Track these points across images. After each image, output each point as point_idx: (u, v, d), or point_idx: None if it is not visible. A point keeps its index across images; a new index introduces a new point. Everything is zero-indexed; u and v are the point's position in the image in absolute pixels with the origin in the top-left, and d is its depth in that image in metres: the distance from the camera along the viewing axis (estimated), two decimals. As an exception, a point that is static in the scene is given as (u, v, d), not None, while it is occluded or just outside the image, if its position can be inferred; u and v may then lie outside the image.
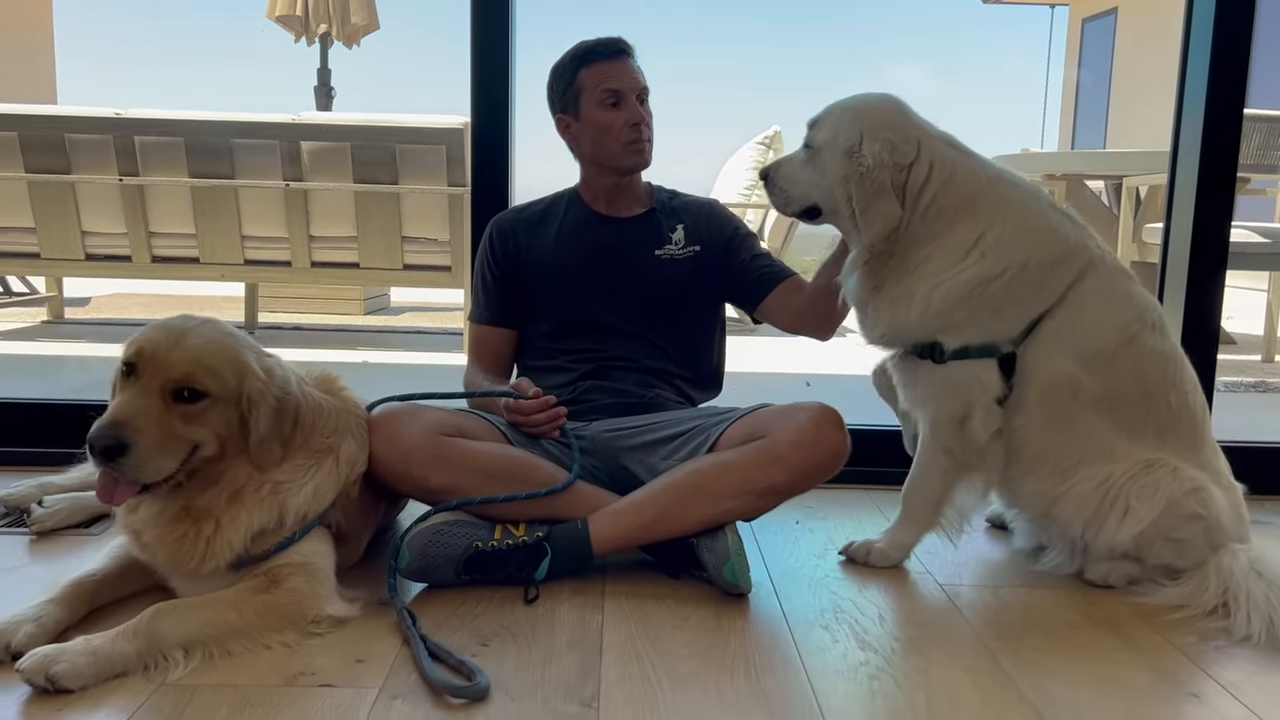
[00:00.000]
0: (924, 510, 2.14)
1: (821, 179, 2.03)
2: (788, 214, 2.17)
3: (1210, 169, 2.73)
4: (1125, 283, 2.05)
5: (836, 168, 1.99)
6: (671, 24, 17.56)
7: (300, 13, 6.98)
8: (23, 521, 2.25)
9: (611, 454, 2.20)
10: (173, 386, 1.69)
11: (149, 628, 1.61)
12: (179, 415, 1.69)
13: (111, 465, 1.63)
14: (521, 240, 2.44)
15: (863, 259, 2.03)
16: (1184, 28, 2.78)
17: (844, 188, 1.98)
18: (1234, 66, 2.71)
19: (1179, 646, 1.81)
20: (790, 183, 2.09)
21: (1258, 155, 4.65)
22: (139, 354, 1.70)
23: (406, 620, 1.76)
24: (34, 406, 2.94)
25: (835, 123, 2.01)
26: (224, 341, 1.77)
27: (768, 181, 2.13)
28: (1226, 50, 2.69)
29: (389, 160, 4.79)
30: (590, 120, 2.34)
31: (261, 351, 1.84)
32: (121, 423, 1.64)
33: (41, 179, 4.83)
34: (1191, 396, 2.06)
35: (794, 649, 1.77)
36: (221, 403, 1.73)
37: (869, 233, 1.97)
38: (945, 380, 2.03)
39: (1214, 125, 2.72)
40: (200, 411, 1.71)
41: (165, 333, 1.73)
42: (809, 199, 2.08)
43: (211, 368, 1.72)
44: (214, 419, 1.73)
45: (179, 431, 1.69)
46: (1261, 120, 4.67)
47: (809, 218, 2.11)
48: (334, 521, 1.91)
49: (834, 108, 2.04)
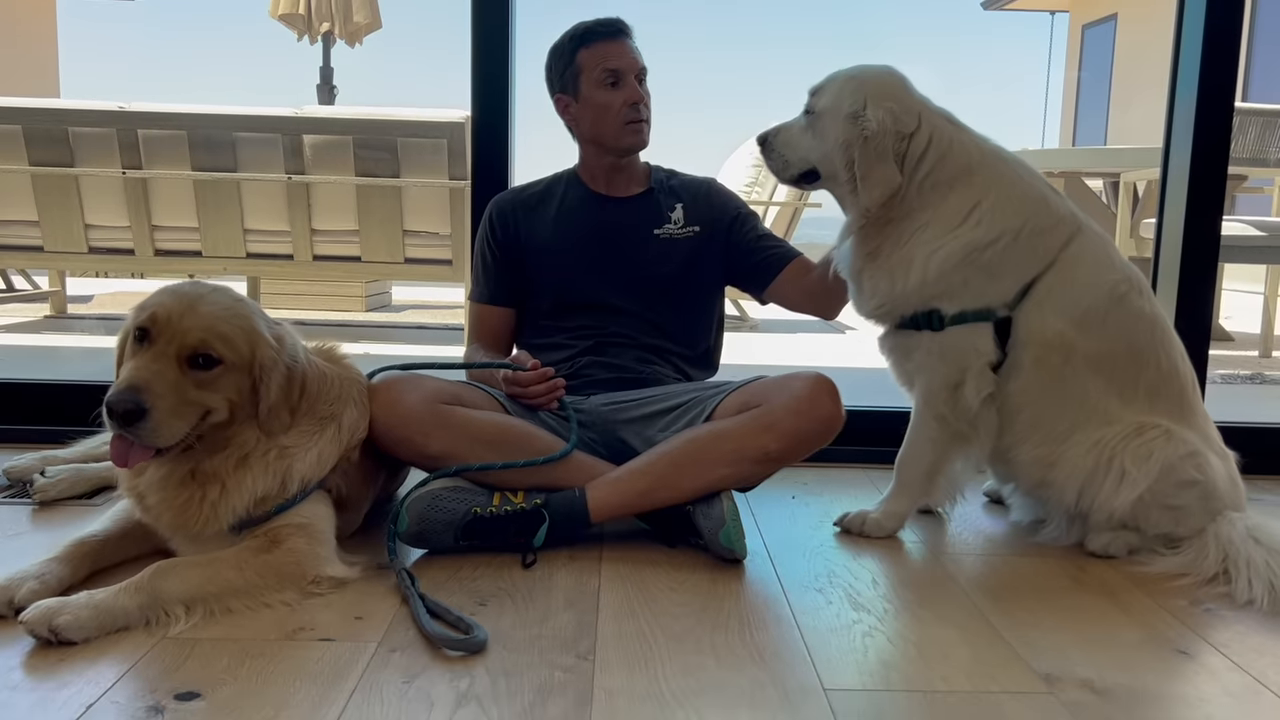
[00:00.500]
0: (917, 479, 2.17)
1: (821, 144, 2.07)
2: (784, 179, 2.20)
3: (1202, 162, 2.76)
4: (1110, 248, 2.10)
5: (838, 132, 2.02)
6: (672, 29, 17.69)
7: (303, 11, 7.03)
8: (26, 493, 2.28)
9: (609, 427, 2.23)
10: (188, 353, 1.71)
11: (151, 584, 1.64)
12: (193, 381, 1.71)
13: (129, 429, 1.65)
14: (521, 220, 2.46)
15: (857, 224, 2.07)
16: (1176, 22, 2.80)
17: (845, 153, 2.01)
18: (1224, 58, 2.73)
19: (1169, 609, 1.83)
20: (789, 148, 2.13)
21: (1254, 149, 4.68)
22: (153, 320, 1.71)
23: (405, 580, 1.78)
24: (37, 387, 2.96)
25: (839, 89, 2.05)
26: (236, 308, 1.79)
27: (765, 146, 2.16)
28: (1218, 42, 2.72)
29: (391, 154, 4.82)
30: (589, 100, 2.36)
31: (271, 320, 1.86)
32: (140, 387, 1.65)
33: (45, 172, 4.86)
34: (1181, 364, 2.09)
35: (788, 609, 1.79)
36: (234, 369, 1.76)
37: (868, 197, 2.00)
38: (941, 348, 2.06)
39: (1205, 118, 2.74)
40: (214, 378, 1.73)
41: (179, 299, 1.74)
42: (808, 163, 2.11)
43: (225, 335, 1.74)
44: (226, 385, 1.75)
45: (192, 397, 1.71)
46: (1257, 114, 4.70)
47: (806, 182, 2.15)
48: (334, 486, 1.93)
49: (837, 75, 2.08)
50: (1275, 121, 4.72)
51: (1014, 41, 22.35)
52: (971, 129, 2.09)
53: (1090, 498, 2.03)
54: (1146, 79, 10.20)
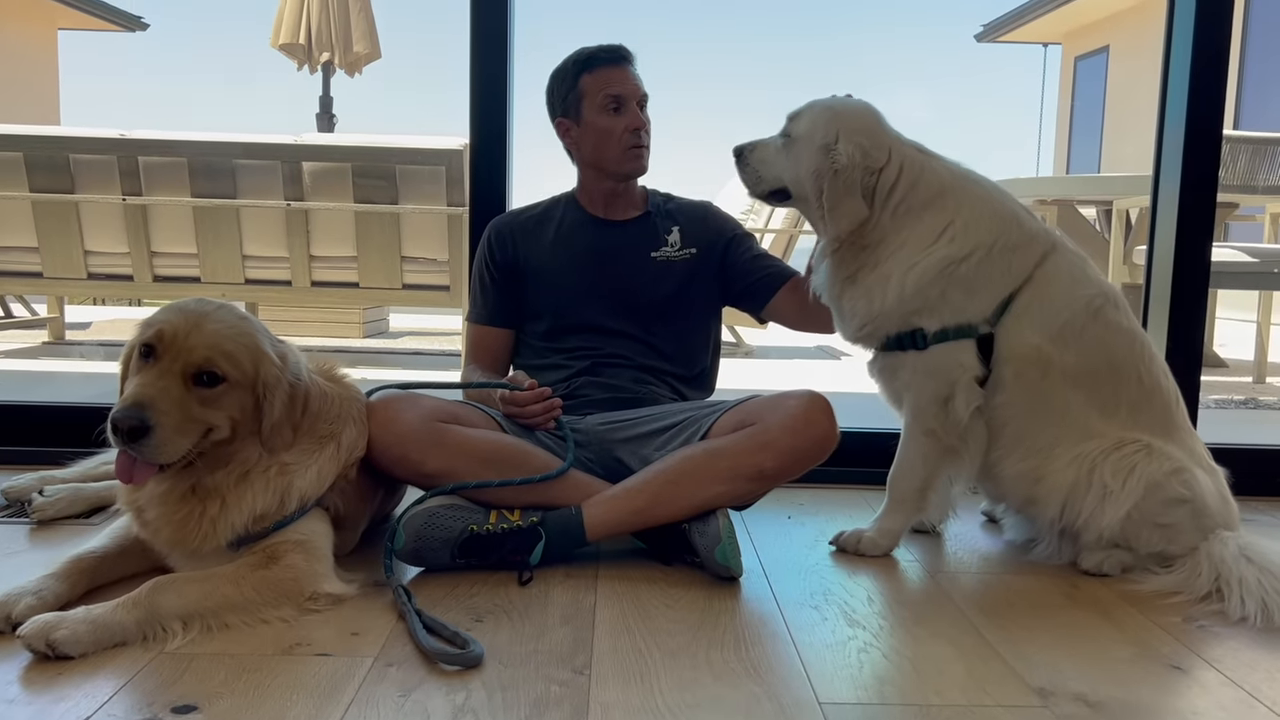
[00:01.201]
0: (910, 496, 2.18)
1: (795, 167, 2.13)
2: (756, 193, 2.25)
3: (1191, 190, 2.79)
4: (1085, 264, 2.14)
5: (810, 161, 2.08)
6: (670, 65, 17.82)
7: (303, 41, 7.09)
8: (24, 512, 2.28)
9: (605, 446, 2.24)
10: (193, 370, 1.72)
11: (148, 599, 1.64)
12: (197, 398, 1.73)
13: (133, 446, 1.66)
14: (519, 242, 2.49)
15: (830, 249, 2.14)
16: (1164, 54, 2.84)
17: (815, 181, 2.08)
18: (1211, 88, 2.77)
19: (1162, 626, 1.84)
20: (763, 165, 2.19)
21: (1245, 176, 4.72)
22: (159, 337, 1.72)
23: (402, 597, 1.78)
24: (36, 409, 2.98)
25: (814, 118, 2.10)
26: (241, 326, 1.80)
27: (740, 159, 2.22)
28: (1205, 73, 2.76)
29: (389, 181, 4.86)
30: (591, 125, 2.39)
31: (275, 337, 1.88)
32: (145, 404, 1.66)
33: (45, 199, 4.89)
34: (1163, 380, 2.12)
35: (783, 626, 1.79)
36: (238, 387, 1.77)
37: (835, 227, 2.07)
38: (927, 365, 2.09)
39: (1194, 147, 2.78)
40: (218, 395, 1.75)
41: (184, 316, 1.76)
42: (780, 182, 2.18)
43: (230, 353, 1.75)
44: (230, 402, 1.77)
45: (196, 414, 1.72)
46: (1247, 142, 4.74)
47: (777, 199, 2.22)
48: (332, 504, 1.94)
49: (815, 104, 2.13)
50: (1265, 149, 4.77)
51: (1007, 73, 22.61)
52: (943, 156, 2.15)
53: (1074, 512, 2.05)
54: (1138, 109, 10.29)
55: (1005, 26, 14.22)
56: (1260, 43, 9.89)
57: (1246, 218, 6.50)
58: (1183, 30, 2.77)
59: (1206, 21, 2.73)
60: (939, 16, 20.36)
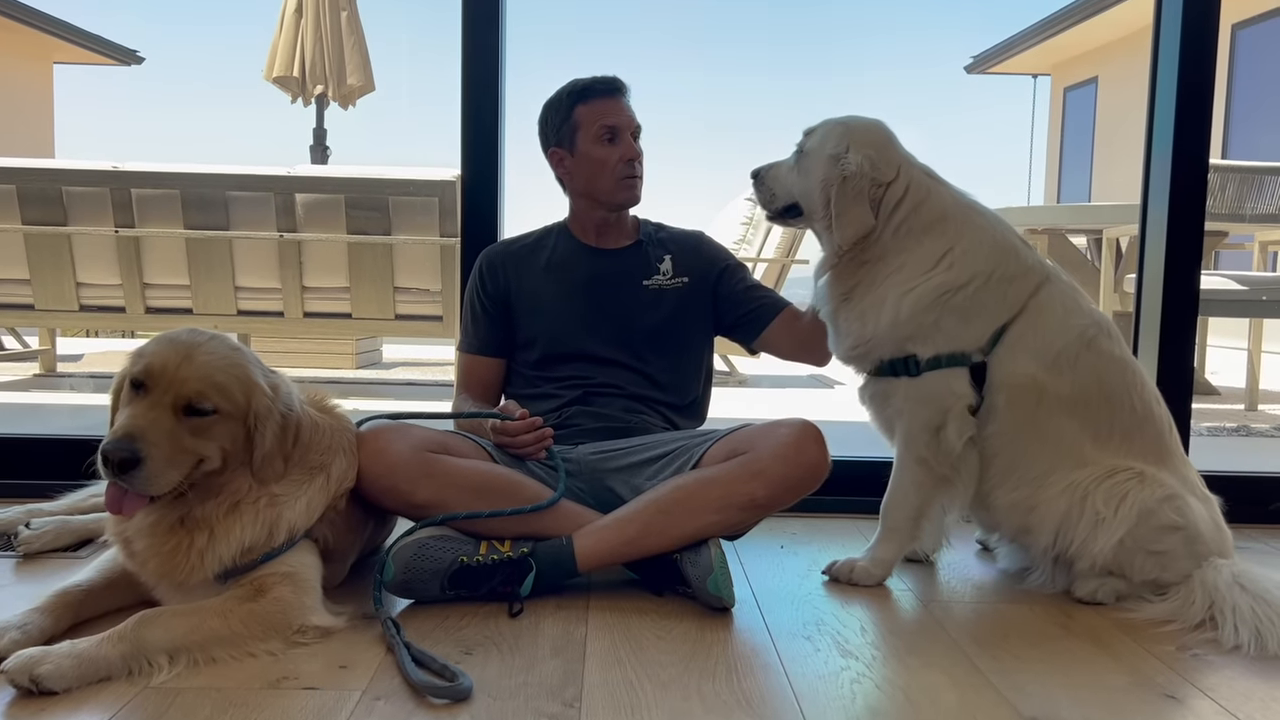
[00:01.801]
0: (903, 525, 2.17)
1: (805, 181, 2.16)
2: (770, 211, 2.29)
3: (1179, 220, 2.81)
4: (1079, 295, 2.15)
5: (820, 171, 2.11)
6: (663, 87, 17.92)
7: (297, 74, 7.13)
8: (10, 546, 2.26)
9: (597, 476, 2.23)
10: (184, 403, 1.72)
11: (134, 633, 1.62)
12: (188, 429, 1.72)
13: (124, 478, 1.65)
14: (511, 271, 2.49)
15: (831, 262, 2.15)
16: (1150, 86, 2.87)
17: (824, 191, 2.10)
18: (1197, 118, 2.79)
19: (1157, 654, 1.83)
20: (777, 182, 2.24)
21: (1232, 205, 4.75)
22: (148, 370, 1.72)
23: (391, 629, 1.77)
24: (23, 441, 2.96)
25: (826, 132, 2.15)
26: (233, 358, 1.80)
27: (757, 180, 2.28)
28: (1190, 104, 2.78)
29: (382, 212, 4.87)
30: (586, 155, 2.40)
31: (267, 368, 1.87)
32: (136, 436, 1.66)
33: (38, 231, 4.89)
34: (1155, 407, 2.12)
35: (776, 657, 1.78)
36: (229, 418, 1.76)
37: (841, 234, 2.07)
38: (919, 392, 2.09)
39: (1180, 177, 2.79)
40: (208, 426, 1.74)
41: (175, 348, 1.75)
42: (791, 197, 2.22)
43: (221, 385, 1.75)
44: (221, 433, 1.76)
45: (187, 445, 1.72)
46: (1234, 171, 4.78)
47: (789, 216, 2.26)
48: (321, 536, 1.93)
49: (829, 120, 2.18)
50: (1252, 178, 4.80)
51: (997, 103, 22.81)
52: (950, 183, 2.16)
53: (1067, 540, 2.04)
54: (1127, 139, 10.36)
55: (995, 58, 14.34)
56: (1247, 73, 10.00)
57: (1236, 246, 6.54)
58: (1168, 63, 2.80)
59: (1191, 54, 2.76)
60: (929, 49, 20.56)
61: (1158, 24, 2.84)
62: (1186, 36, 2.75)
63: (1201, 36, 2.76)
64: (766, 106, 20.45)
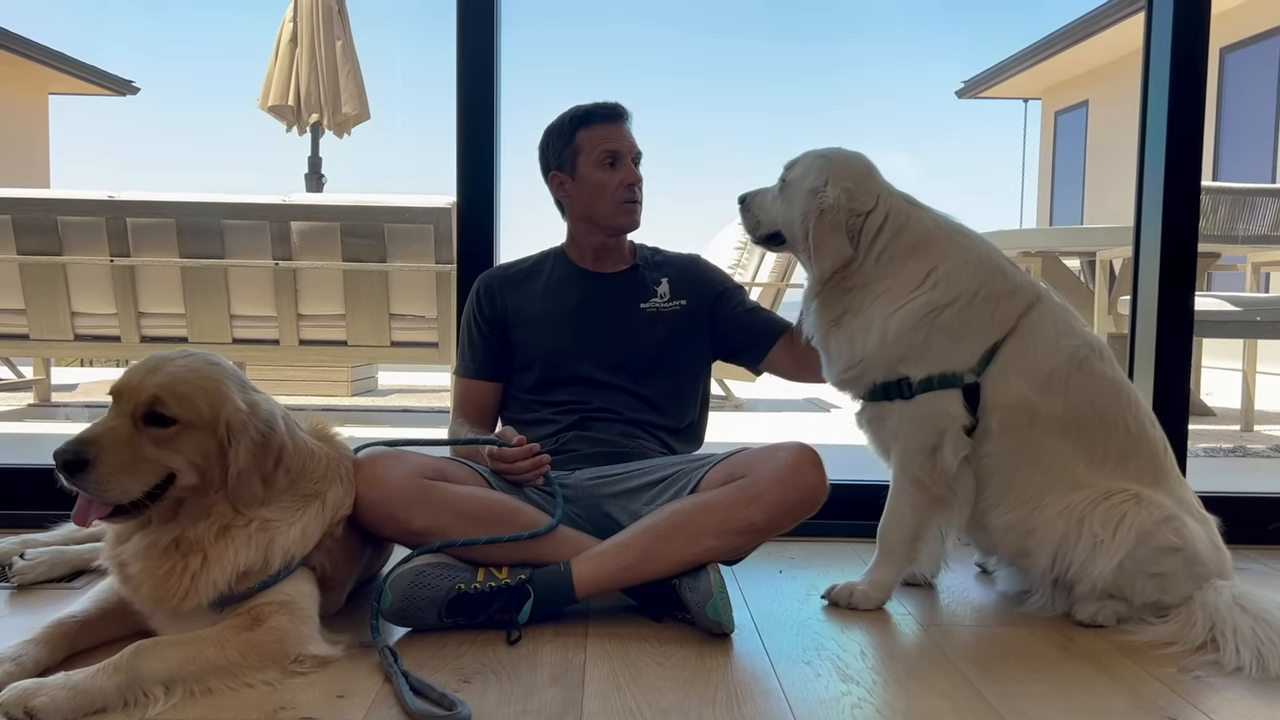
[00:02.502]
0: (900, 547, 2.17)
1: (787, 211, 2.20)
2: (755, 237, 2.34)
3: (1172, 242, 2.83)
4: (1071, 316, 2.17)
5: (800, 203, 2.15)
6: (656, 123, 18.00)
7: (292, 103, 7.15)
8: (4, 576, 2.25)
9: (594, 501, 2.22)
10: (142, 410, 1.73)
11: (130, 664, 1.61)
12: (150, 439, 1.73)
13: (73, 480, 1.67)
14: (508, 296, 2.49)
15: (816, 289, 2.18)
16: (1140, 111, 2.89)
17: (804, 223, 2.14)
18: (1188, 141, 2.81)
19: (1158, 677, 1.82)
20: (761, 210, 2.28)
21: (1224, 227, 4.77)
22: (117, 384, 1.76)
23: (388, 658, 1.76)
24: (17, 471, 2.94)
25: (807, 165, 2.18)
26: (201, 370, 1.79)
27: (744, 205, 2.32)
28: (1181, 125, 2.80)
29: (378, 239, 4.87)
30: (586, 179, 2.42)
31: (249, 386, 1.87)
32: (87, 440, 1.68)
33: (33, 261, 4.89)
34: (1150, 429, 2.13)
35: (776, 682, 1.77)
36: (195, 429, 1.76)
37: (820, 265, 2.12)
38: (914, 414, 2.10)
39: (1173, 200, 2.81)
40: (171, 436, 1.74)
41: (147, 363, 1.79)
42: (774, 226, 2.26)
43: (181, 394, 1.75)
44: (188, 446, 1.75)
45: (149, 455, 1.72)
46: (1226, 193, 4.80)
47: (772, 243, 2.30)
48: (318, 564, 1.92)
49: (810, 153, 2.21)
50: (1244, 200, 4.83)
51: (989, 128, 22.96)
52: (931, 207, 2.20)
53: (1065, 563, 2.04)
54: (1119, 162, 10.45)
55: (986, 83, 14.44)
56: (1235, 96, 10.08)
57: (1229, 267, 6.56)
58: (1158, 85, 2.82)
59: (1181, 76, 2.78)
60: (920, 74, 20.69)
61: (1148, 47, 2.87)
62: (1177, 59, 2.78)
63: (1191, 58, 2.79)
64: (761, 124, 20.56)
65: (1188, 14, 2.78)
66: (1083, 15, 11.43)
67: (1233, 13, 9.57)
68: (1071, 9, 11.73)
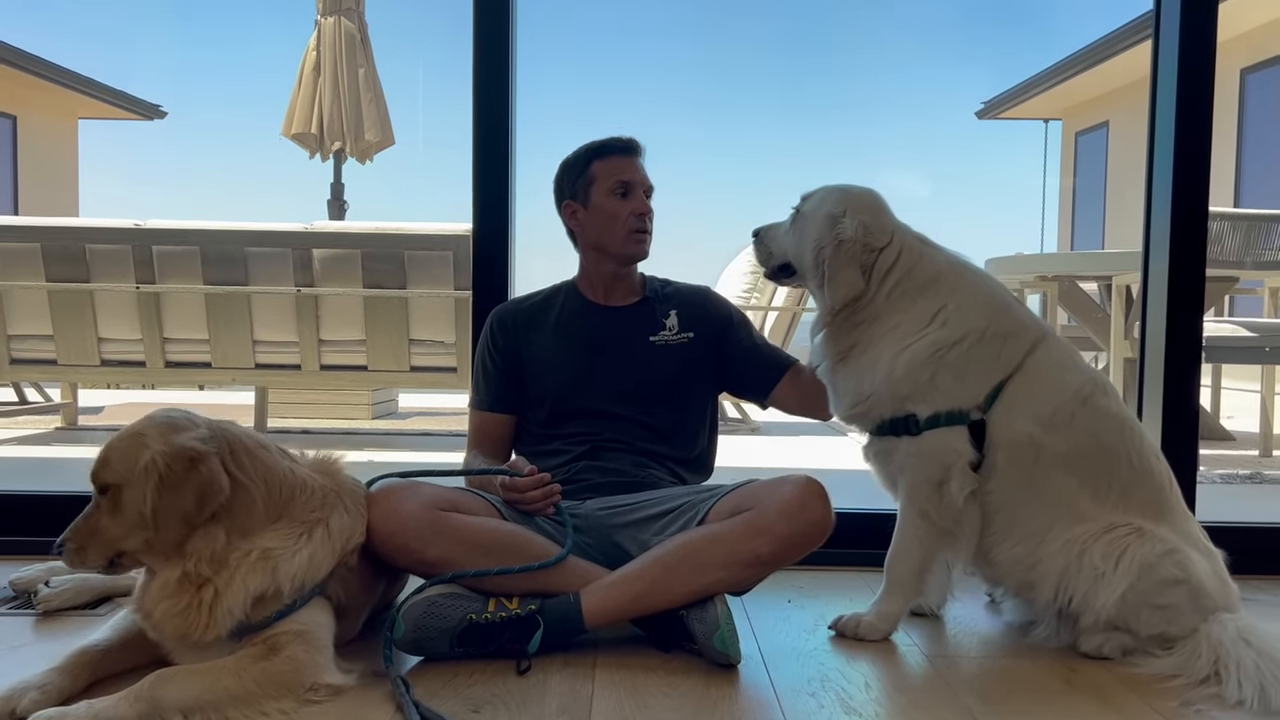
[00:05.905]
0: (907, 579, 2.20)
1: (799, 242, 2.25)
2: (766, 269, 2.40)
3: (1180, 268, 2.84)
4: (1074, 354, 2.20)
5: (815, 232, 2.19)
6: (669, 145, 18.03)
7: (315, 131, 7.27)
8: (30, 604, 2.31)
9: (605, 531, 2.26)
10: (97, 485, 1.85)
11: (150, 693, 1.66)
12: (105, 510, 1.84)
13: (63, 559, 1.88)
14: (521, 329, 2.54)
15: (825, 320, 2.22)
16: (1149, 134, 2.92)
17: (817, 252, 2.18)
18: (1196, 169, 2.82)
19: (1160, 710, 1.84)
20: (774, 241, 2.34)
21: (1240, 252, 4.78)
22: None
23: (400, 688, 1.80)
24: (44, 499, 3.01)
25: (823, 197, 2.23)
26: (133, 430, 1.86)
27: (757, 239, 2.39)
28: (1189, 153, 2.82)
29: (398, 266, 4.96)
30: (599, 208, 2.47)
31: (190, 427, 1.87)
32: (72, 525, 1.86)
33: (61, 288, 5.00)
34: (1154, 463, 2.14)
35: (780, 714, 1.80)
36: (125, 487, 1.82)
37: (833, 296, 2.15)
38: (921, 449, 2.13)
39: (1180, 227, 2.83)
40: (112, 502, 1.83)
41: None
42: (785, 257, 2.32)
43: (107, 459, 1.85)
44: (127, 505, 1.81)
45: (102, 527, 1.83)
46: (1242, 219, 4.81)
47: (783, 274, 2.36)
48: (333, 594, 1.96)
49: (826, 186, 2.27)
50: (1260, 225, 4.83)
51: (1009, 149, 22.91)
52: (943, 247, 2.23)
53: (1067, 595, 2.06)
54: (1139, 183, 10.41)
55: (1006, 103, 14.45)
56: (1257, 118, 10.05)
57: (1248, 291, 6.54)
58: (1165, 114, 2.84)
59: (1188, 104, 2.80)
60: (940, 95, 20.66)
61: (1155, 78, 2.89)
62: (1183, 88, 2.79)
63: (1197, 87, 2.80)
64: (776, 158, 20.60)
65: (1195, 38, 2.79)
66: (1102, 36, 11.45)
67: (1253, 33, 9.56)
68: (1090, 31, 11.76)
